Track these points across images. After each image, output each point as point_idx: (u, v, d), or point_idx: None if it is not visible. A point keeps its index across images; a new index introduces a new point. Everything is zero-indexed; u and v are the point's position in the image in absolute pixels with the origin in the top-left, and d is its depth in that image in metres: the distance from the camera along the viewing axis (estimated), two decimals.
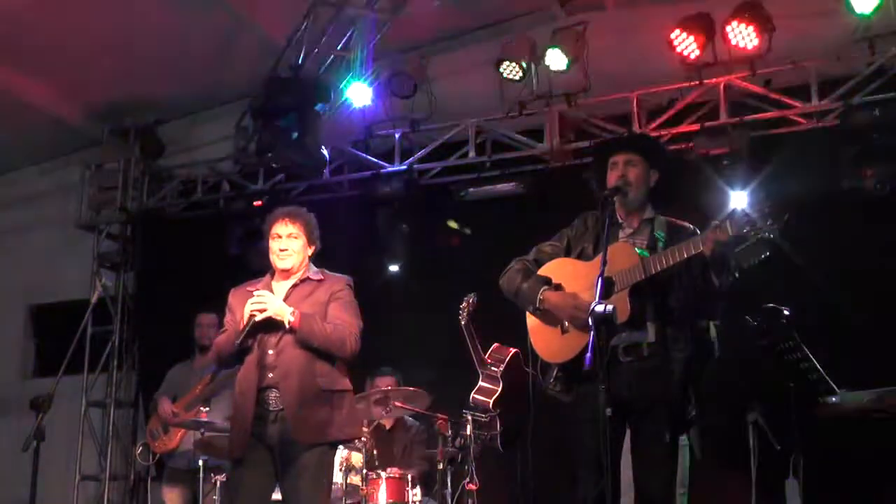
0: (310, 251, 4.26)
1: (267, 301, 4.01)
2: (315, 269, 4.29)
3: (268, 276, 4.28)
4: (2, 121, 8.14)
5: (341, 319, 4.09)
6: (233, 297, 4.28)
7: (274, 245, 4.19)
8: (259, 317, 3.99)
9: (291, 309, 4.02)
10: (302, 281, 4.21)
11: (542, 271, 3.86)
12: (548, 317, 3.78)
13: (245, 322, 4.01)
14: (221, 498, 5.43)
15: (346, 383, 4.17)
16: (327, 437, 4.03)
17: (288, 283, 4.21)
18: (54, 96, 8.11)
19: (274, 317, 4.00)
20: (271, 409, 4.03)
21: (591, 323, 3.24)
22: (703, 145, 6.39)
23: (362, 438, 5.41)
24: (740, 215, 3.37)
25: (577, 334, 3.62)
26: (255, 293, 4.05)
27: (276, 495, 4.22)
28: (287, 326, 4.00)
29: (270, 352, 4.06)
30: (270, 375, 4.04)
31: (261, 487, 4.07)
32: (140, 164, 8.49)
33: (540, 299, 3.74)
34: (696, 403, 3.68)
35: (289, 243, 4.17)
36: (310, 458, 3.97)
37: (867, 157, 5.97)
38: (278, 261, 4.19)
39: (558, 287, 3.80)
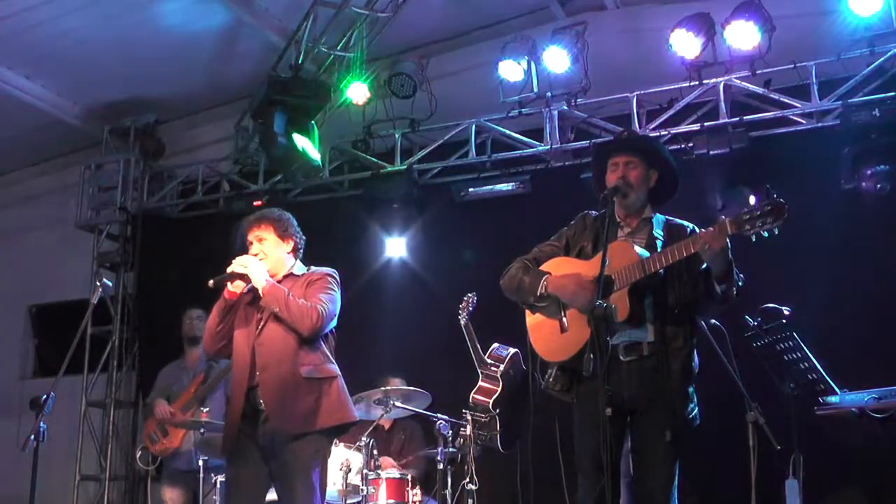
0: (287, 247, 4.28)
1: (250, 263, 4.09)
2: (302, 266, 4.31)
3: None
4: (2, 121, 8.15)
5: (310, 298, 4.11)
6: None
7: (250, 254, 4.23)
8: (238, 270, 4.06)
9: (267, 277, 4.08)
10: (285, 277, 4.24)
11: (541, 269, 3.86)
12: (547, 312, 3.78)
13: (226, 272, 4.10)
14: (221, 498, 5.43)
15: (332, 370, 4.14)
16: (315, 426, 4.00)
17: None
18: (54, 96, 8.12)
19: (250, 277, 4.07)
20: (261, 408, 4.05)
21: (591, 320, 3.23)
22: (703, 145, 6.40)
23: (363, 439, 5.41)
24: (740, 214, 3.37)
25: (576, 332, 3.62)
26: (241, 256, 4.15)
27: (273, 495, 4.22)
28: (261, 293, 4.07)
29: (256, 347, 4.08)
30: (257, 374, 4.06)
31: (255, 487, 4.07)
32: (140, 164, 8.49)
33: (544, 285, 3.74)
34: (696, 403, 3.68)
35: (258, 247, 4.23)
36: (299, 450, 3.96)
37: (867, 157, 5.97)
38: None
39: None
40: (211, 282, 4.13)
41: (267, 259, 4.20)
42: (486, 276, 4.54)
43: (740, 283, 3.57)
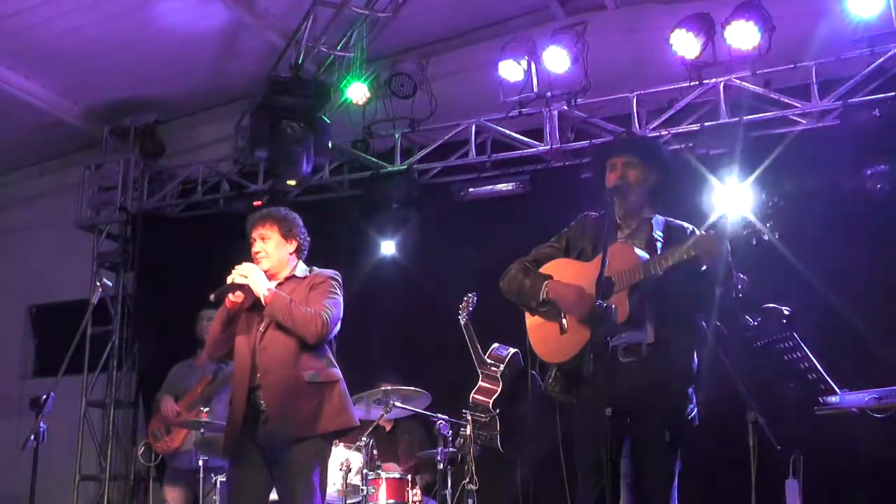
0: (290, 247, 4.26)
1: (250, 272, 4.06)
2: (305, 267, 4.29)
3: None
4: (2, 121, 8.15)
5: (314, 304, 4.09)
6: None
7: (252, 251, 4.22)
8: (238, 280, 4.04)
9: (269, 285, 4.06)
10: (287, 279, 4.23)
11: (542, 271, 3.87)
12: (547, 316, 3.78)
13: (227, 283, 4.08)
14: (221, 498, 5.44)
15: (334, 374, 4.14)
16: (317, 430, 4.00)
17: (272, 284, 4.18)
18: (54, 96, 8.12)
19: (251, 287, 4.04)
20: (261, 409, 4.04)
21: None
22: (703, 145, 6.39)
23: (362, 439, 5.41)
24: (739, 216, 3.37)
25: (576, 334, 3.62)
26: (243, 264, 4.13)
27: (275, 496, 4.22)
28: (263, 302, 4.05)
29: (258, 351, 4.08)
30: (259, 375, 4.06)
31: (257, 488, 4.07)
32: (140, 164, 8.49)
33: (545, 290, 3.74)
34: (696, 403, 3.68)
35: (261, 245, 4.21)
36: (300, 453, 3.96)
37: (867, 157, 5.97)
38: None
39: None
40: (212, 296, 4.10)
41: (268, 258, 4.18)
42: (486, 276, 4.54)
43: (740, 286, 3.57)
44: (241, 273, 4.06)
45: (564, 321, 3.71)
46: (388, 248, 7.46)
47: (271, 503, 4.22)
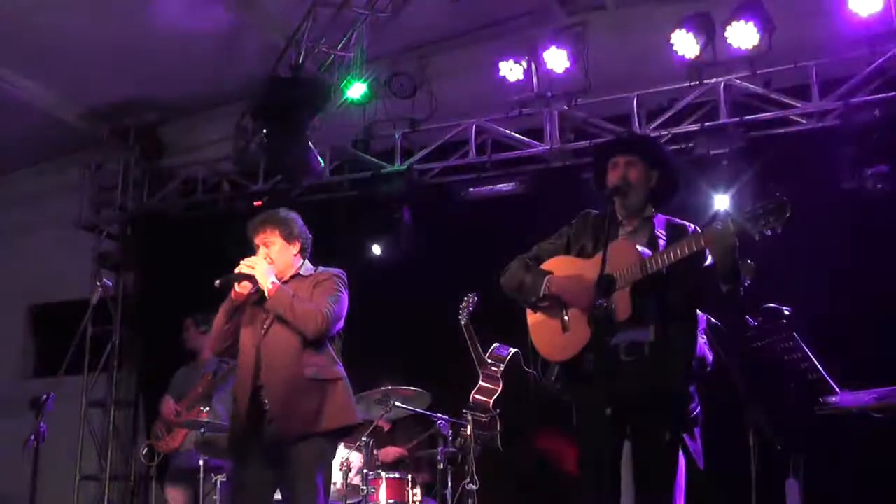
0: (294, 249, 4.28)
1: (257, 263, 4.09)
2: (310, 266, 4.31)
3: None
4: (2, 121, 8.15)
5: (317, 300, 4.12)
6: None
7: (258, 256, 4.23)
8: (245, 271, 4.06)
9: (274, 279, 4.08)
10: (292, 277, 4.24)
11: (542, 268, 3.86)
12: (548, 312, 3.78)
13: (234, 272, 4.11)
14: (222, 498, 5.44)
15: (338, 371, 4.16)
16: (319, 427, 4.01)
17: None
18: (54, 96, 8.12)
19: (257, 278, 4.07)
20: (265, 408, 4.05)
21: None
22: (703, 145, 6.40)
23: (363, 439, 5.41)
24: (741, 213, 3.37)
25: (578, 332, 3.62)
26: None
27: (279, 496, 4.22)
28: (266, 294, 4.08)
29: (262, 347, 4.09)
30: (262, 373, 4.07)
31: (261, 488, 4.07)
32: (140, 164, 8.50)
33: (546, 286, 3.73)
34: (698, 403, 3.68)
35: (265, 252, 4.23)
36: (304, 452, 3.97)
37: (867, 157, 5.97)
38: None
39: None
40: (217, 282, 4.13)
41: (274, 265, 4.20)
42: (485, 276, 4.54)
43: (747, 282, 3.56)
44: (248, 264, 4.08)
45: (566, 318, 3.70)
46: (387, 248, 7.46)
47: (275, 503, 4.23)
